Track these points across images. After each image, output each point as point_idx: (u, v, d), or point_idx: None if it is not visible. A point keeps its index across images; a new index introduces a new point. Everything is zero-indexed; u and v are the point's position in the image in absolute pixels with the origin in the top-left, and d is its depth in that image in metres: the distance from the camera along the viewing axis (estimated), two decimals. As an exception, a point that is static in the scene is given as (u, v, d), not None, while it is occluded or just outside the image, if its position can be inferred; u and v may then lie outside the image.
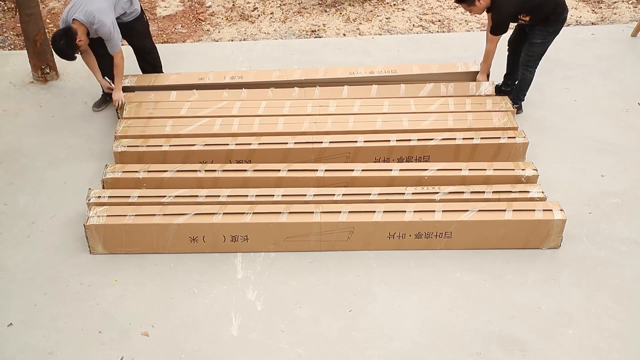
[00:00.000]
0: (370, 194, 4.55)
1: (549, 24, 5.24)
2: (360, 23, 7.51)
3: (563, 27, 5.32)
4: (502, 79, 5.86)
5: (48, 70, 6.26)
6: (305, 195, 4.55)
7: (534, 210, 4.40)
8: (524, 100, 5.70)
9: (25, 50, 6.25)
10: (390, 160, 5.02)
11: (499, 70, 5.79)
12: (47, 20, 7.52)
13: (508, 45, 5.75)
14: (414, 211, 4.40)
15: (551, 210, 4.40)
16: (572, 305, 4.11)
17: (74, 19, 5.03)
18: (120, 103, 5.38)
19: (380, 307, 4.11)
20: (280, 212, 4.39)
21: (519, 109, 5.67)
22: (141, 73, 5.88)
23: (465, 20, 7.50)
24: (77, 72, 6.32)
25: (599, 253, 4.47)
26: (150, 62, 5.86)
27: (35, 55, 6.16)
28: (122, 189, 4.65)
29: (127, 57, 5.51)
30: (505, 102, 5.41)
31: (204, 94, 5.48)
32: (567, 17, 5.35)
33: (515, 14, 5.20)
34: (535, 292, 4.19)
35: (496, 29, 5.27)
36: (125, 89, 5.53)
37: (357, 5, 7.85)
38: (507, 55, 5.77)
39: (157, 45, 7.00)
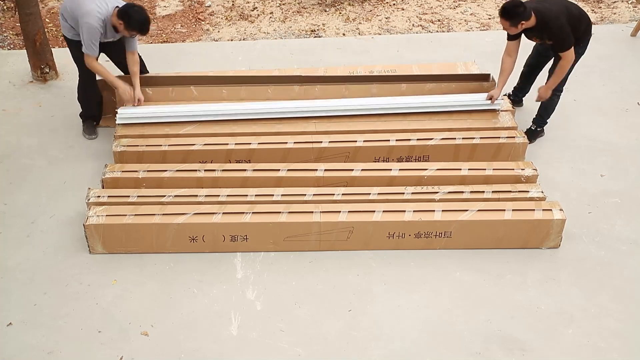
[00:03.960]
0: (369, 194, 4.55)
1: (578, 44, 5.03)
2: (360, 23, 7.51)
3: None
4: (512, 90, 5.79)
5: (47, 70, 6.26)
6: (305, 195, 4.55)
7: (534, 210, 4.40)
8: (547, 123, 5.47)
9: (25, 50, 6.25)
10: (390, 160, 5.02)
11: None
12: (47, 20, 7.52)
13: (525, 67, 5.62)
14: (414, 211, 4.40)
15: (551, 210, 4.40)
16: (572, 305, 4.11)
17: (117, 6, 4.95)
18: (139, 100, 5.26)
19: (380, 306, 4.11)
20: (279, 212, 4.39)
21: (541, 132, 5.47)
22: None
23: (465, 20, 7.50)
24: (76, 71, 6.30)
25: (598, 253, 4.47)
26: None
27: (34, 54, 6.15)
28: (121, 189, 4.65)
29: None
30: (505, 102, 5.41)
31: (203, 92, 5.48)
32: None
33: (568, 23, 4.86)
34: (535, 292, 4.19)
35: (566, 42, 4.89)
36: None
37: (356, 5, 7.85)
38: (522, 72, 5.64)
39: (157, 45, 7.03)
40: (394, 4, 7.87)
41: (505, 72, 5.21)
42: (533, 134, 5.44)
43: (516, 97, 5.78)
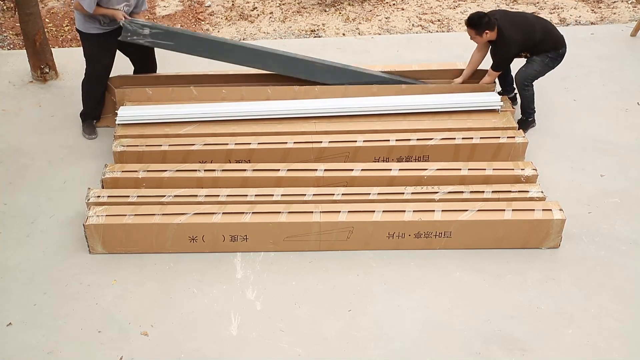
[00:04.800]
0: (369, 194, 4.55)
1: (542, 53, 5.31)
2: (360, 23, 7.51)
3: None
4: (500, 88, 5.82)
5: (47, 70, 6.26)
6: (305, 195, 4.55)
7: (534, 210, 4.40)
8: (535, 111, 5.56)
9: (25, 50, 6.25)
10: (390, 160, 5.02)
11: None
12: (47, 20, 7.52)
13: None
14: (414, 211, 4.40)
15: (550, 210, 4.40)
16: (572, 305, 4.11)
17: None
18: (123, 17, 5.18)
19: (380, 306, 4.11)
20: (279, 212, 4.39)
21: (532, 122, 5.56)
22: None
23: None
24: (76, 71, 6.32)
25: (598, 253, 4.47)
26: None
27: (34, 54, 6.16)
28: (121, 189, 4.65)
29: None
30: (505, 102, 5.41)
31: (203, 92, 5.48)
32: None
33: (518, 53, 5.28)
34: (535, 292, 4.19)
35: (499, 67, 5.34)
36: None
37: (356, 5, 7.85)
38: None
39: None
40: (394, 4, 7.87)
41: (471, 64, 5.56)
42: (524, 123, 5.52)
43: (506, 92, 5.77)
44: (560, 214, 4.37)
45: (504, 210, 4.40)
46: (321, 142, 4.98)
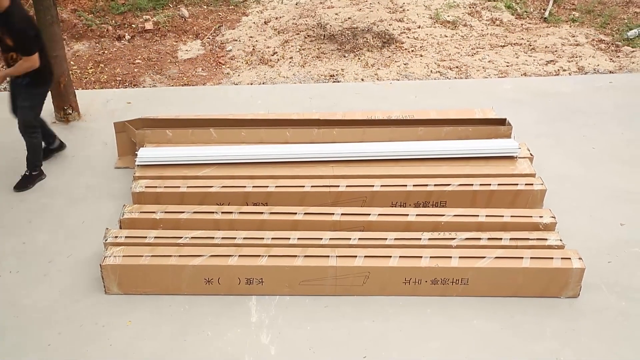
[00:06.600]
0: (386, 239, 4.53)
1: (37, 83, 5.19)
2: (379, 68, 7.59)
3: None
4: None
5: (70, 111, 6.37)
6: (321, 238, 4.54)
7: (552, 258, 4.35)
8: (42, 164, 5.57)
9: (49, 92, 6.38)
10: (407, 205, 5.02)
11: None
12: (72, 63, 7.69)
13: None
14: (431, 257, 4.37)
15: (569, 258, 4.35)
16: (594, 356, 4.02)
17: None
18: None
19: (396, 354, 4.05)
20: (295, 256, 4.38)
21: (39, 175, 5.51)
22: None
23: (483, 67, 7.56)
24: (98, 113, 6.43)
25: (619, 303, 4.39)
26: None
27: (58, 96, 6.28)
28: (139, 230, 4.67)
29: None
30: (522, 148, 5.41)
31: (222, 134, 5.54)
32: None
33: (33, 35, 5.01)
34: (554, 342, 4.11)
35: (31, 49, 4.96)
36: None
37: (375, 51, 7.95)
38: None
39: (177, 88, 7.09)
40: (413, 51, 7.96)
41: None
42: (28, 179, 5.48)
43: (48, 144, 5.75)
44: (580, 262, 4.32)
45: (522, 258, 4.35)
46: (338, 186, 4.99)
